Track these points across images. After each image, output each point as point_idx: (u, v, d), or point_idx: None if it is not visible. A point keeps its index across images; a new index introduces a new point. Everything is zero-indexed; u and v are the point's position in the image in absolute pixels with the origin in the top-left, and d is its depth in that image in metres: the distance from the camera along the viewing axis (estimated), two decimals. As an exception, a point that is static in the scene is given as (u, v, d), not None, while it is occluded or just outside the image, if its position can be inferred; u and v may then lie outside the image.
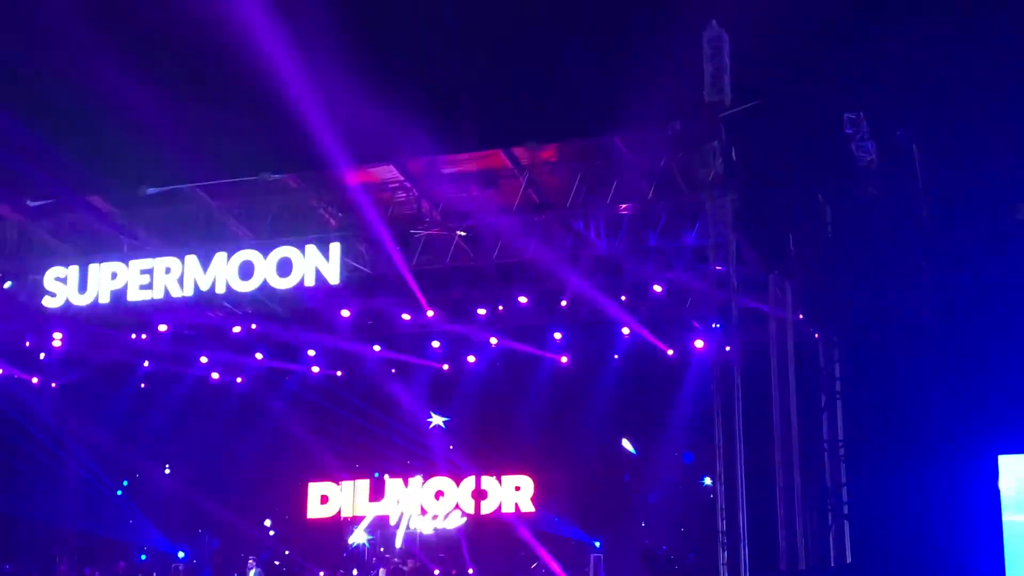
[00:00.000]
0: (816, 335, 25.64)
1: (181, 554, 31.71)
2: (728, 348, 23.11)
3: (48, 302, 24.64)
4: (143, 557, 31.85)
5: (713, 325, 24.72)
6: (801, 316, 24.91)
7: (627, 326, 27.60)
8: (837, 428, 25.42)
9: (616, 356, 28.67)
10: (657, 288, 25.65)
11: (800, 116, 22.05)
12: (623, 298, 25.22)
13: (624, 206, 22.91)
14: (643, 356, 28.18)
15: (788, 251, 24.18)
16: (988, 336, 22.67)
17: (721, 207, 22.41)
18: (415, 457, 32.20)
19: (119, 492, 32.07)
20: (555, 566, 29.12)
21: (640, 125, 21.79)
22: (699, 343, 26.13)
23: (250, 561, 28.97)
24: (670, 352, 27.80)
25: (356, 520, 32.25)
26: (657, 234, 23.24)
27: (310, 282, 23.51)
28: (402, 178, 23.54)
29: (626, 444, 29.26)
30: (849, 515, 25.06)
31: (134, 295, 24.24)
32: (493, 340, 29.18)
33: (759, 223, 23.07)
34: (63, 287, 24.49)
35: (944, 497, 22.83)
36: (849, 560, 24.59)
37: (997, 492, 22.74)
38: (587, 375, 29.11)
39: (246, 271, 23.62)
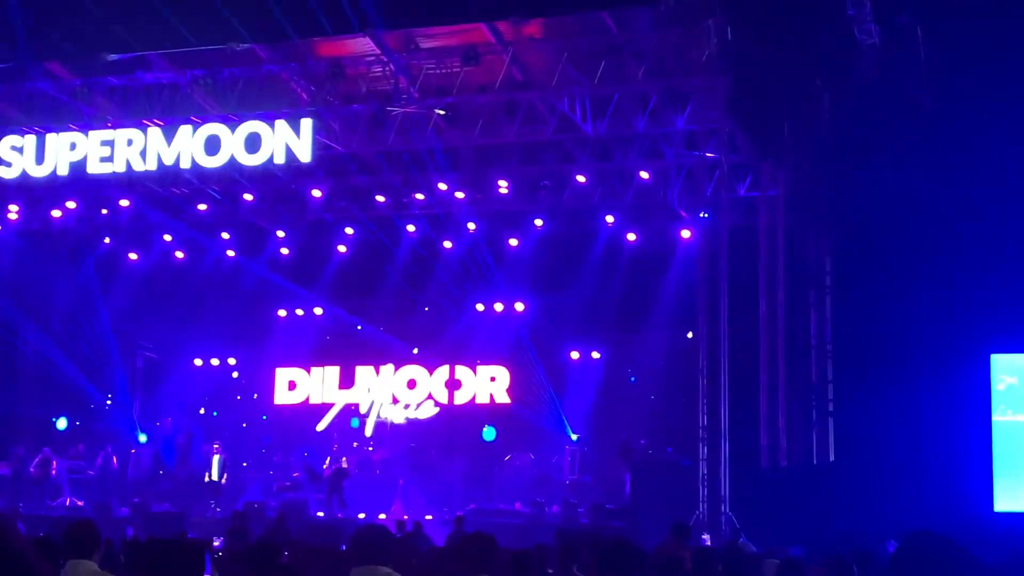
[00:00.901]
0: (808, 227, 25.58)
1: (143, 437, 31.79)
2: (716, 238, 23.07)
3: (3, 172, 24.31)
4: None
5: (701, 214, 24.70)
6: (793, 207, 24.80)
7: (610, 214, 27.47)
8: (825, 323, 25.51)
9: (598, 244, 28.56)
10: (644, 175, 25.51)
11: (800, -5, 21.71)
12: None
13: (612, 88, 22.63)
14: (626, 244, 28.06)
15: (782, 138, 24.01)
16: (985, 233, 22.65)
17: (714, 90, 22.24)
18: (387, 344, 32.16)
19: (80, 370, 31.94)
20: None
21: (631, 0, 21.44)
22: (686, 233, 26.04)
23: (215, 446, 29.12)
24: (654, 242, 27.76)
25: (324, 407, 32.32)
26: (646, 118, 23.02)
27: (280, 159, 23.28)
28: (378, 51, 23.14)
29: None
30: (834, 413, 25.29)
31: (94, 167, 23.94)
32: (471, 225, 28.99)
33: (753, 108, 22.86)
34: (19, 157, 24.15)
35: (934, 396, 23.02)
36: (832, 458, 24.87)
37: (988, 391, 22.93)
38: (568, 263, 28.98)
39: (212, 146, 23.33)
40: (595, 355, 30.68)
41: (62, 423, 31.22)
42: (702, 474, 22.35)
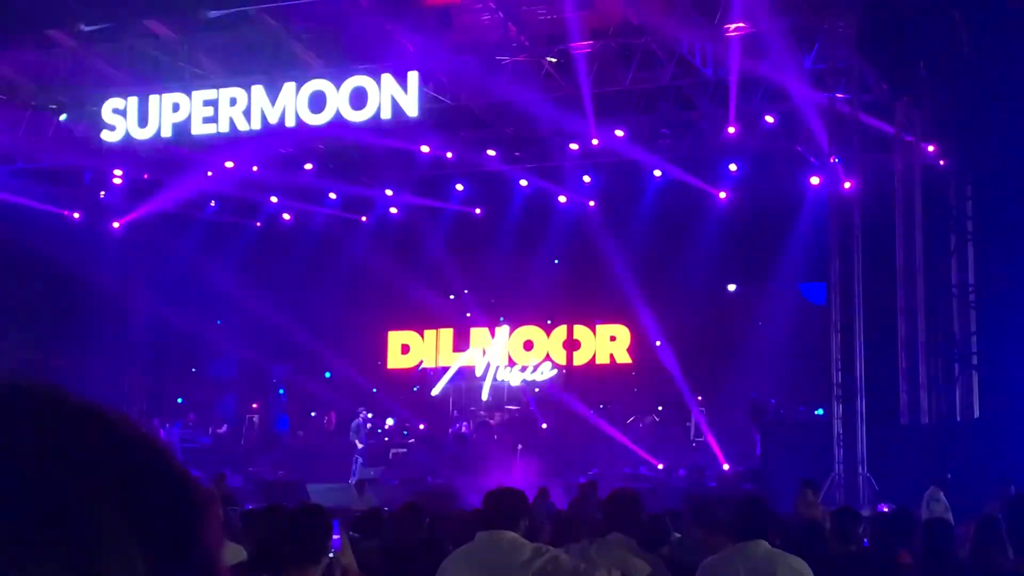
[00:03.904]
0: (947, 169, 25.02)
1: (255, 404, 32.40)
2: (848, 184, 22.72)
3: (107, 136, 24.82)
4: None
5: (832, 159, 24.26)
6: (931, 148, 24.28)
7: (735, 162, 27.17)
8: (968, 272, 24.99)
9: (722, 194, 28.28)
10: (769, 119, 25.16)
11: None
12: (732, 130, 24.69)
13: (733, 27, 22.31)
14: (753, 193, 27.74)
15: (918, 76, 23.47)
16: None
17: (843, 26, 21.79)
18: (503, 304, 32.25)
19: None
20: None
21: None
22: (815, 179, 25.64)
23: (360, 411, 29.42)
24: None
25: (439, 371, 32.60)
26: (770, 58, 22.64)
27: (386, 115, 23.39)
28: (486, -3, 23.09)
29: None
30: (978, 366, 24.78)
31: (198, 128, 24.31)
32: (586, 178, 28.90)
33: (885, 44, 22.37)
34: (122, 120, 24.60)
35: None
36: (977, 415, 24.40)
37: None
38: (690, 214, 28.76)
39: (317, 103, 23.53)
40: (722, 307, 30.41)
41: None
42: (837, 433, 22.08)
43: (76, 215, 30.62)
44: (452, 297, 33.09)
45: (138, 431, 1.18)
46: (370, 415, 29.84)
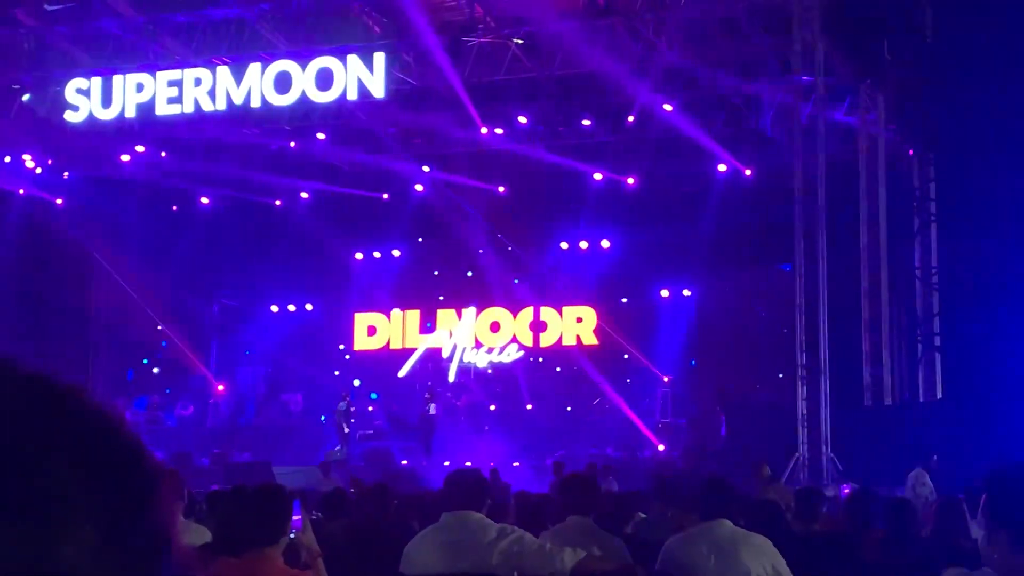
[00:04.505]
0: (911, 152, 25.14)
1: (221, 386, 32.27)
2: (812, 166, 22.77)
3: (70, 116, 24.61)
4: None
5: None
6: (894, 130, 24.37)
7: (700, 143, 27.16)
8: (931, 254, 25.14)
9: (686, 176, 28.27)
10: (735, 101, 25.18)
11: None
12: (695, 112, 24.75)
13: (699, 10, 22.33)
14: (716, 175, 27.76)
15: (882, 58, 23.55)
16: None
17: (807, 9, 21.83)
18: (470, 287, 32.22)
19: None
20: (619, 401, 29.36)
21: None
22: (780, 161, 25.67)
23: (345, 395, 29.39)
24: (748, 172, 27.40)
25: (406, 352, 32.55)
26: (735, 40, 22.66)
27: (352, 96, 23.32)
28: (453, -22, 23.02)
29: None
30: (941, 347, 24.95)
31: (162, 109, 24.15)
32: (553, 159, 28.84)
33: (850, 27, 22.43)
34: (86, 100, 24.42)
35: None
36: (940, 395, 24.57)
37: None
38: (655, 197, 28.76)
39: (283, 83, 23.41)
40: (686, 293, 30.52)
41: None
42: (801, 415, 22.17)
43: (21, 191, 30.19)
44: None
45: (92, 401, 1.17)
46: (361, 385, 29.92)
